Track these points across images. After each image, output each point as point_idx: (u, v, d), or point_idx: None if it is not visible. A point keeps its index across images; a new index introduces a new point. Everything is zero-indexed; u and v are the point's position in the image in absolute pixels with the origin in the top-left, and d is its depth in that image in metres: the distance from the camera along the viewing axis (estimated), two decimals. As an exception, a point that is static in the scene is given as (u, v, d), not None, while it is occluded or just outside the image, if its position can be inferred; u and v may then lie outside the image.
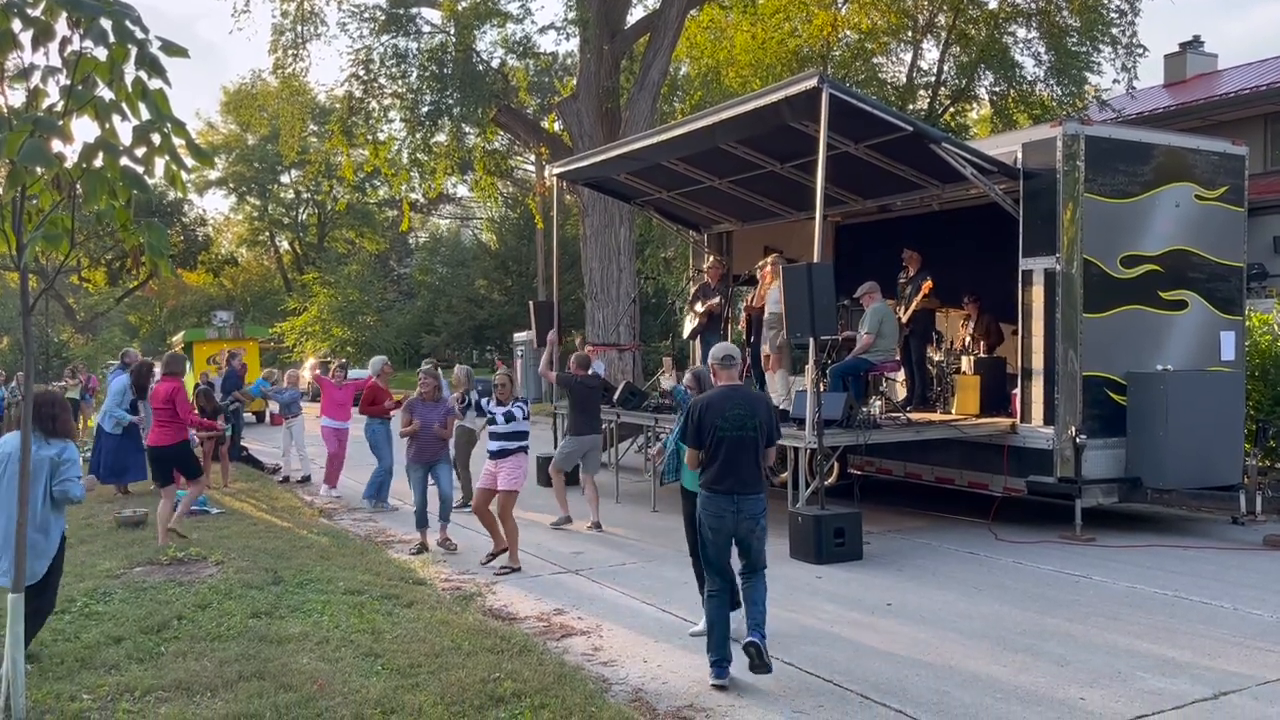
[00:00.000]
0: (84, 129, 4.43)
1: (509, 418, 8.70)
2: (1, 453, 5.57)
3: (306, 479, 14.18)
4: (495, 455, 8.70)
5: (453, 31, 21.70)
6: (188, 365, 9.94)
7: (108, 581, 7.57)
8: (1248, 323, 11.59)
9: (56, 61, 4.33)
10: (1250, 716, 5.09)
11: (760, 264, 12.80)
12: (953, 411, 11.63)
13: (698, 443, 5.71)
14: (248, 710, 4.86)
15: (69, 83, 4.30)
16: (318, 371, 15.24)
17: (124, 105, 4.34)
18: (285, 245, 59.97)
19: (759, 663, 5.48)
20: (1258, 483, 9.54)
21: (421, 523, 9.50)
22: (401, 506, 11.74)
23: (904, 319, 11.89)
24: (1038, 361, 9.96)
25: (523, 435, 8.82)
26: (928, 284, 11.90)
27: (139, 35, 4.21)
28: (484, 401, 9.48)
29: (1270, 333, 12.75)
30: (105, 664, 5.65)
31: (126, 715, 4.86)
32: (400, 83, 22.36)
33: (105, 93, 4.34)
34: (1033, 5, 23.64)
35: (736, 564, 5.89)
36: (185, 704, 5.00)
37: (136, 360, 13.11)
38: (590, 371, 11.35)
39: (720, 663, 5.57)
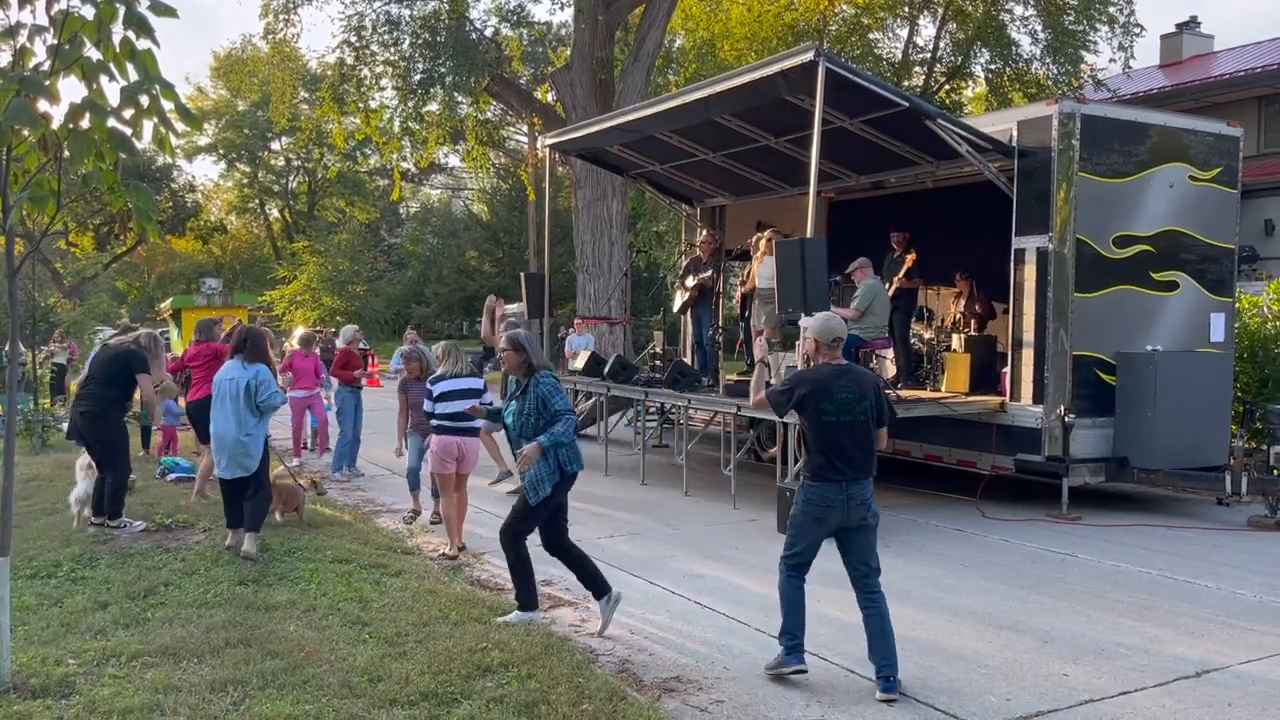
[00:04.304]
0: (71, 89, 4.37)
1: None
2: (219, 379, 7.55)
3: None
4: None
5: (446, -1, 21.45)
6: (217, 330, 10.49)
7: (94, 547, 7.55)
8: (1238, 305, 11.62)
9: (43, 20, 4.27)
10: (1232, 694, 5.13)
11: (753, 239, 12.76)
12: (942, 389, 11.65)
13: (783, 411, 5.50)
14: (234, 676, 4.85)
15: (56, 42, 4.23)
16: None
17: (112, 66, 4.27)
18: (275, 213, 59.57)
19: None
20: (1243, 464, 9.57)
21: (414, 485, 9.43)
22: (383, 474, 11.73)
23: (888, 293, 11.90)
24: (1028, 340, 9.97)
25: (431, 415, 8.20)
26: (911, 257, 11.90)
27: (127, -6, 4.14)
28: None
29: (1260, 315, 12.80)
30: (91, 629, 5.64)
31: (112, 680, 4.84)
32: (392, 50, 22.11)
33: (93, 52, 4.28)
34: (1031, -18, 23.53)
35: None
36: (171, 669, 4.99)
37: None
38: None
39: (798, 648, 5.24)
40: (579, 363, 13.68)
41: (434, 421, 8.07)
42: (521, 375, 6.11)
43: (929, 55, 26.20)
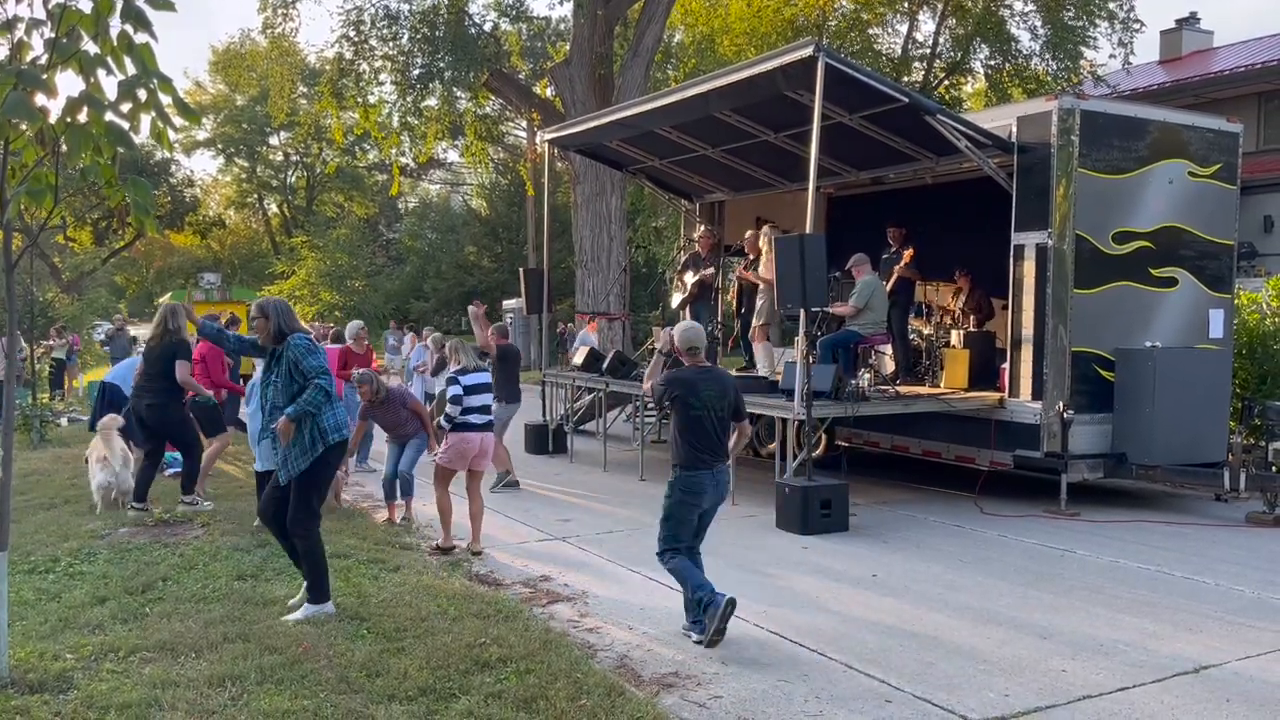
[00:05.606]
0: (68, 83, 4.36)
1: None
2: (254, 381, 7.55)
3: None
4: None
5: (445, -7, 21.43)
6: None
7: (93, 542, 7.55)
8: (1237, 301, 11.61)
9: (41, 13, 4.26)
10: (1230, 690, 5.13)
11: (748, 235, 12.75)
12: (941, 385, 11.65)
13: (661, 403, 6.15)
14: (232, 672, 4.85)
15: (53, 35, 4.22)
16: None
17: (109, 59, 4.26)
18: (273, 208, 59.51)
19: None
20: (1241, 460, 9.57)
21: (389, 495, 9.34)
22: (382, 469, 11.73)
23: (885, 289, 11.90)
24: (1027, 336, 9.96)
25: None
26: (909, 252, 11.90)
27: (124, -13, 4.13)
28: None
29: (1258, 311, 12.80)
30: (89, 624, 5.64)
31: (110, 675, 4.84)
32: (391, 45, 22.10)
33: (90, 46, 4.26)
34: (1030, -22, 23.55)
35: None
36: (169, 665, 4.99)
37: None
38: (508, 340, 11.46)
39: (708, 591, 5.66)
40: (578, 358, 13.69)
41: (460, 417, 7.87)
42: (273, 342, 5.94)
43: (928, 51, 26.22)
